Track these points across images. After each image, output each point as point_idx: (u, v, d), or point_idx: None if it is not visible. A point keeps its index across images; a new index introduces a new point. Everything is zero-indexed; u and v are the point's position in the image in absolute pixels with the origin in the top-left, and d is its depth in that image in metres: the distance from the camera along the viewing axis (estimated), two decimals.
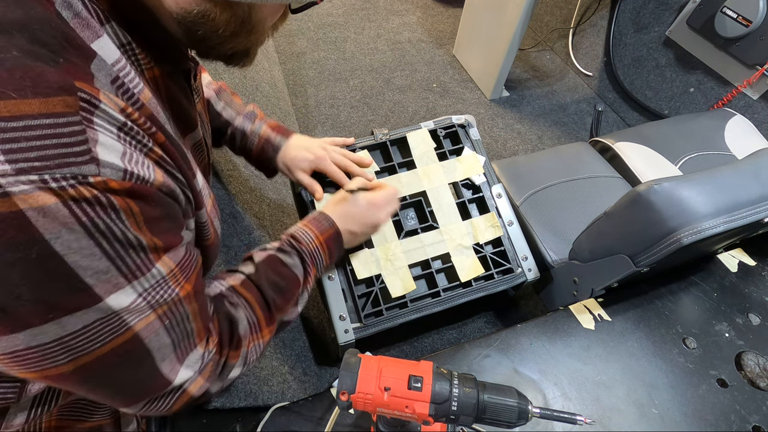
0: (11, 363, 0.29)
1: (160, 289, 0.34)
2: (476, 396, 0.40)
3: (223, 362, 0.45)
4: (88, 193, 0.26)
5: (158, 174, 0.31)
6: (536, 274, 0.84)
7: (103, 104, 0.28)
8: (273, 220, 1.27)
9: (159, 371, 0.37)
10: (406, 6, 2.26)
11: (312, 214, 0.65)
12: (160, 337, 0.35)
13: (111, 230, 0.28)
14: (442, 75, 1.93)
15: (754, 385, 0.65)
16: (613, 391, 0.64)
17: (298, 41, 2.00)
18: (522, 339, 0.68)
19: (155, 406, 0.40)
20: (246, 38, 0.36)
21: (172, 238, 0.34)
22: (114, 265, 0.29)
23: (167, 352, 0.37)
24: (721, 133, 1.16)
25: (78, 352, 0.30)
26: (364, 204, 0.67)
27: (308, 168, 0.75)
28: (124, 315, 0.31)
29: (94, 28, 0.30)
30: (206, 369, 0.42)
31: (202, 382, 0.42)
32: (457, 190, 0.88)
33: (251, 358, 0.50)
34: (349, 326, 0.75)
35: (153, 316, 0.34)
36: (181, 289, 0.36)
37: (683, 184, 0.64)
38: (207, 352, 0.42)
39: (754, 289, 0.77)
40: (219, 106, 0.72)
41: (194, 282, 0.38)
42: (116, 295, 0.30)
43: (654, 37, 1.66)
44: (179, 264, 0.35)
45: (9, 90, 0.24)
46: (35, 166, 0.24)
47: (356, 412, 0.57)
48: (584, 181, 1.05)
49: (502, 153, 1.68)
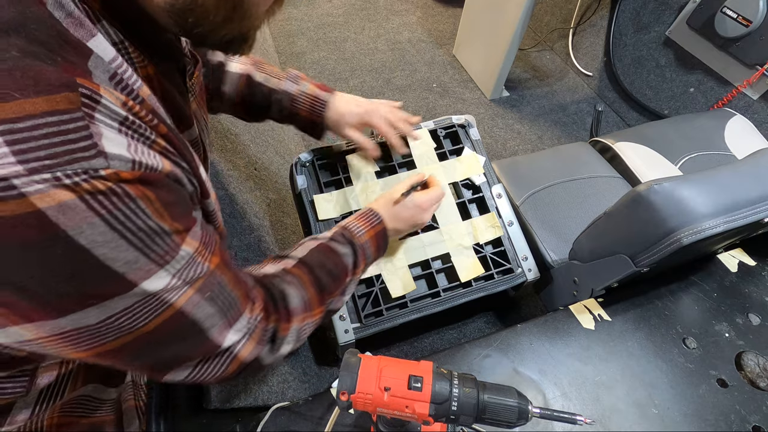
0: (62, 343, 0.31)
1: (191, 267, 0.35)
2: (476, 396, 0.40)
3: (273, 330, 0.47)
4: (102, 185, 0.27)
5: (165, 163, 0.32)
6: (536, 274, 0.84)
7: (104, 99, 0.28)
8: (273, 220, 1.27)
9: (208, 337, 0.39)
10: (406, 6, 2.26)
11: (362, 211, 0.67)
12: (203, 307, 0.37)
13: (132, 220, 0.29)
14: (442, 75, 1.93)
15: (754, 385, 0.65)
16: (613, 391, 0.64)
17: (298, 41, 2.00)
18: (522, 339, 0.68)
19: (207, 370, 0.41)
20: (240, 23, 0.35)
21: (189, 220, 0.36)
22: (142, 253, 0.30)
23: (215, 320, 0.39)
24: (721, 133, 1.16)
25: (124, 330, 0.32)
26: (411, 207, 0.69)
27: (356, 122, 0.75)
28: (163, 295, 0.33)
29: (87, 27, 0.30)
30: (254, 334, 0.44)
31: (251, 347, 0.44)
32: (457, 190, 0.88)
33: (304, 334, 0.51)
34: (349, 326, 0.75)
35: (192, 291, 0.35)
36: (210, 262, 0.37)
37: (683, 184, 0.64)
38: (253, 317, 0.44)
39: (754, 289, 0.77)
40: (260, 77, 0.73)
41: (220, 254, 0.39)
42: (150, 280, 0.31)
43: (654, 37, 1.66)
44: (201, 241, 0.37)
45: (12, 91, 0.24)
46: (46, 164, 0.24)
47: (356, 412, 0.57)
48: (584, 181, 1.05)
49: (502, 153, 1.68)
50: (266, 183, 1.31)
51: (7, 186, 0.23)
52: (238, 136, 1.50)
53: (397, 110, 0.80)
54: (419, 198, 0.70)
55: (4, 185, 0.23)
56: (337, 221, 0.81)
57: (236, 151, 1.38)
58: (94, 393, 0.51)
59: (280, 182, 1.34)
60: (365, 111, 0.75)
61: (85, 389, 0.49)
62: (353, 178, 0.83)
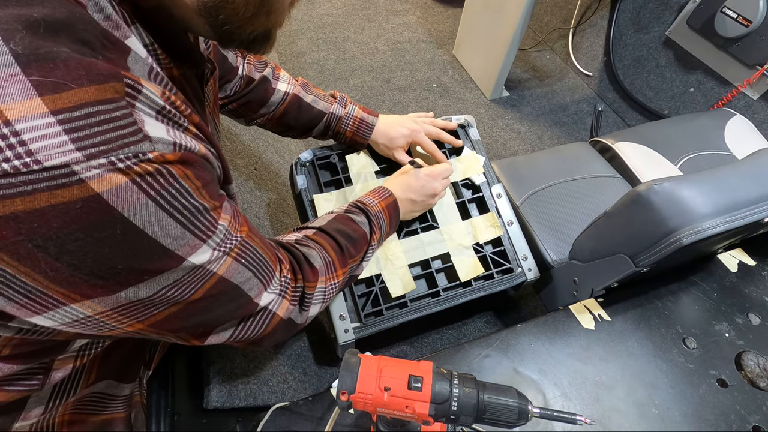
0: (119, 316, 0.33)
1: (228, 239, 0.38)
2: (476, 396, 0.40)
3: (301, 289, 0.52)
4: (151, 167, 0.29)
5: (200, 145, 0.34)
6: (536, 274, 0.84)
7: (145, 89, 0.30)
8: (273, 220, 1.27)
9: (249, 297, 0.43)
10: (406, 6, 2.25)
11: (375, 187, 0.73)
12: (242, 272, 0.41)
13: (178, 199, 0.31)
14: (442, 75, 1.93)
15: (754, 385, 0.65)
16: (613, 391, 0.64)
17: (298, 41, 2.00)
18: (522, 339, 0.68)
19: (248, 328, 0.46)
20: (266, 19, 0.36)
21: (221, 197, 0.39)
22: (188, 230, 0.33)
23: (253, 282, 0.43)
24: (721, 133, 1.16)
25: (175, 300, 0.35)
26: (422, 175, 0.73)
27: (405, 144, 0.81)
28: (207, 266, 0.36)
29: (123, 30, 0.32)
30: (287, 292, 0.49)
31: (287, 305, 0.49)
32: (457, 190, 0.88)
33: (329, 294, 0.56)
34: (349, 326, 0.75)
35: (230, 260, 0.39)
36: (241, 232, 0.41)
37: (683, 184, 0.64)
38: (283, 277, 0.48)
39: (754, 289, 0.77)
40: (309, 99, 0.78)
41: (246, 224, 0.43)
42: (197, 254, 0.34)
43: (654, 37, 1.66)
44: (232, 215, 0.40)
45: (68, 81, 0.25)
46: (101, 149, 0.26)
47: (356, 412, 0.57)
48: (584, 181, 1.05)
49: (502, 153, 1.68)
50: (266, 183, 1.31)
51: (69, 173, 0.25)
52: (238, 136, 1.50)
53: (435, 121, 0.86)
54: (430, 168, 0.74)
55: (65, 171, 0.25)
56: None
57: (236, 151, 1.38)
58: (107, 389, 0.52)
59: (280, 182, 1.34)
60: (411, 132, 0.81)
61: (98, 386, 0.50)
62: (353, 178, 0.83)
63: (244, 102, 0.74)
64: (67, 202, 0.25)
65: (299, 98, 0.77)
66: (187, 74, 0.42)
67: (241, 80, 0.72)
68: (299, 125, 0.79)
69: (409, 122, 0.81)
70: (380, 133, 0.81)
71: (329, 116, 0.79)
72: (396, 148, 0.81)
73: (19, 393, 0.40)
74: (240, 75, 0.71)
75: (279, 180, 1.35)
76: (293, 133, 0.82)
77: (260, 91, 0.74)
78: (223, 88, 0.71)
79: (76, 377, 0.46)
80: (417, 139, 0.81)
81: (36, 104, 0.24)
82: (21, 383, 0.40)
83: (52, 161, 0.24)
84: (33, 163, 0.24)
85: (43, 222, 0.25)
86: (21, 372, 0.39)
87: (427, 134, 0.82)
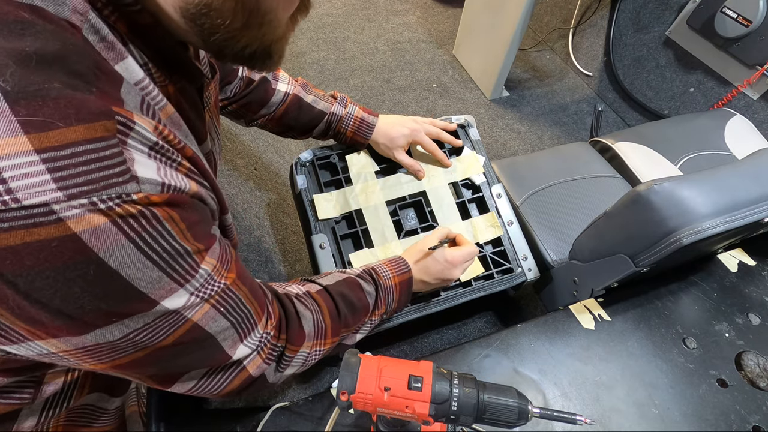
0: (83, 357, 0.32)
1: (209, 284, 0.36)
2: (476, 396, 0.40)
3: (281, 349, 0.48)
4: (134, 209, 0.28)
5: (191, 184, 0.33)
6: (536, 274, 0.84)
7: (137, 125, 0.29)
8: (273, 220, 1.27)
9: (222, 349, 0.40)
10: (406, 6, 2.25)
11: (392, 257, 0.68)
12: (218, 321, 0.38)
13: (158, 241, 0.30)
14: (442, 75, 1.93)
15: (754, 385, 0.65)
16: (613, 391, 0.64)
17: (298, 41, 2.00)
18: (522, 339, 0.68)
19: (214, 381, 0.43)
20: (258, 31, 0.34)
21: (209, 239, 0.37)
22: (165, 273, 0.31)
23: (229, 333, 0.40)
24: (721, 133, 1.16)
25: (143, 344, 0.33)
26: (442, 261, 0.68)
27: (405, 143, 0.82)
28: (182, 311, 0.34)
29: (118, 50, 0.31)
30: (264, 349, 0.45)
31: (260, 362, 0.45)
32: (457, 190, 0.88)
33: (311, 360, 0.52)
34: None
35: (208, 306, 0.37)
36: (226, 278, 0.38)
37: (683, 184, 0.64)
38: (265, 333, 0.45)
39: (754, 289, 0.77)
40: (309, 99, 0.78)
41: (236, 270, 0.41)
42: (171, 298, 0.33)
43: (654, 37, 1.66)
44: (219, 259, 0.38)
45: (56, 120, 0.25)
46: (84, 190, 0.25)
47: (356, 412, 0.57)
48: (584, 181, 1.05)
49: (502, 153, 1.68)
50: (266, 183, 1.31)
51: (47, 211, 0.25)
52: (238, 136, 1.50)
53: (435, 121, 0.86)
54: (451, 253, 0.68)
55: (44, 210, 0.24)
56: (337, 221, 0.81)
57: (236, 151, 1.38)
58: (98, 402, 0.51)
59: (280, 182, 1.34)
60: (411, 131, 0.81)
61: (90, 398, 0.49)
62: (353, 178, 0.83)
63: (244, 103, 0.74)
64: (42, 240, 0.25)
65: (300, 98, 0.77)
66: (184, 88, 0.41)
67: (240, 81, 0.71)
68: (300, 125, 0.79)
69: (409, 122, 0.82)
70: (381, 132, 0.81)
71: (330, 116, 0.79)
72: (396, 148, 0.81)
73: (11, 405, 0.40)
74: (240, 76, 0.71)
75: (279, 180, 1.35)
76: (293, 134, 0.82)
77: (260, 92, 0.74)
78: (223, 90, 0.70)
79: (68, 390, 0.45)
80: (417, 139, 0.82)
81: (21, 142, 0.24)
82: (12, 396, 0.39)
83: (31, 200, 0.24)
84: (12, 201, 0.24)
85: (16, 259, 0.25)
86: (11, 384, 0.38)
87: (427, 133, 0.83)
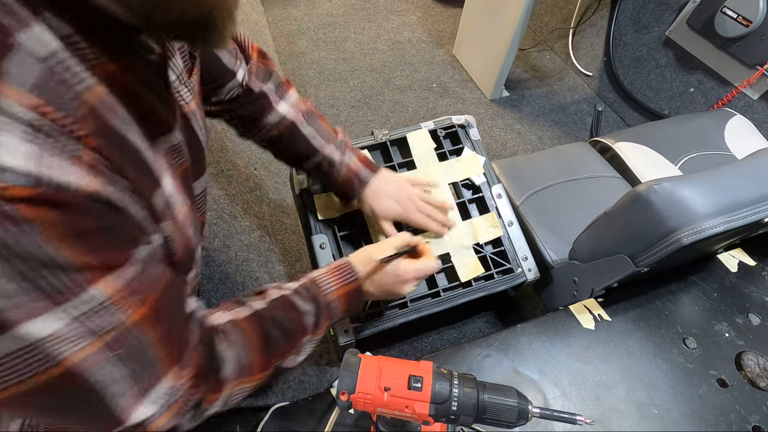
0: None
1: (100, 315, 0.29)
2: (476, 396, 0.40)
3: (198, 400, 0.40)
4: None
5: (91, 181, 0.27)
6: (536, 274, 0.84)
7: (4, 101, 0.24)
8: (273, 220, 1.27)
9: (109, 409, 0.31)
10: (406, 6, 2.25)
11: (338, 263, 0.60)
12: (108, 369, 0.30)
13: (19, 244, 0.24)
14: (442, 75, 1.93)
15: (754, 385, 0.65)
16: (613, 391, 0.64)
17: (298, 41, 2.00)
18: (522, 339, 0.68)
19: None
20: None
21: (114, 256, 0.30)
22: (26, 285, 0.25)
23: (123, 387, 0.32)
24: (721, 133, 1.16)
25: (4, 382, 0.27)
26: (392, 275, 0.62)
27: (394, 218, 0.75)
28: (51, 344, 0.27)
29: (19, 17, 0.25)
30: (175, 405, 0.36)
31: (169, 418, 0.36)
32: (457, 190, 0.88)
33: (234, 399, 0.46)
34: (348, 326, 0.75)
35: (95, 346, 0.29)
36: (134, 313, 0.31)
37: (683, 184, 0.64)
38: (177, 385, 0.36)
39: (754, 289, 0.77)
40: (307, 131, 0.70)
41: (156, 304, 0.33)
42: (35, 321, 0.26)
43: (654, 37, 1.66)
44: (129, 285, 0.30)
45: None
46: None
47: (356, 412, 0.57)
48: (584, 181, 1.05)
49: (502, 153, 1.68)
50: (266, 183, 1.31)
51: None
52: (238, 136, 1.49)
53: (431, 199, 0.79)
54: (404, 268, 0.62)
55: None
56: (337, 221, 0.81)
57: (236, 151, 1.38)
58: None
59: (280, 182, 1.34)
60: (403, 210, 0.74)
61: None
62: None
63: (236, 115, 0.68)
64: None
65: (295, 126, 0.70)
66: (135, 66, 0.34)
67: (240, 88, 0.66)
68: (291, 153, 0.73)
69: (403, 198, 0.75)
70: (370, 196, 0.73)
71: (322, 158, 0.71)
72: (382, 220, 0.74)
73: None
74: (239, 82, 0.65)
75: (279, 180, 1.35)
76: (284, 160, 0.76)
77: (257, 106, 0.67)
78: (217, 92, 0.64)
79: None
80: (408, 218, 0.76)
81: None
82: None
83: None
84: None
85: None
86: None
87: (420, 211, 0.77)
